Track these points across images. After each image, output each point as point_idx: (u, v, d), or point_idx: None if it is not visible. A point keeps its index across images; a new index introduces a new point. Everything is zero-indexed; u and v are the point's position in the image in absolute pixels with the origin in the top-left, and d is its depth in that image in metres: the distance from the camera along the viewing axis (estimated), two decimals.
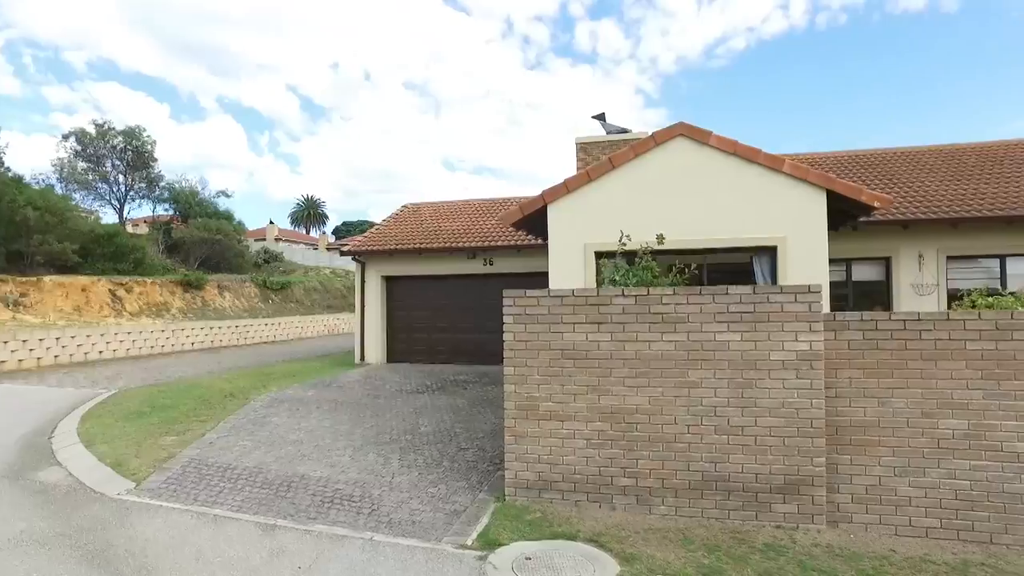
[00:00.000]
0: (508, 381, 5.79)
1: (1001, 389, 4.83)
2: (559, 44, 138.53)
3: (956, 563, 4.56)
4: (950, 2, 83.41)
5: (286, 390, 10.89)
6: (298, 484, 6.18)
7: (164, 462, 6.79)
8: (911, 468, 4.99)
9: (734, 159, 7.66)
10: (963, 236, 9.27)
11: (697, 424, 5.31)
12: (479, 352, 14.05)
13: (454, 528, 5.19)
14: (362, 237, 14.93)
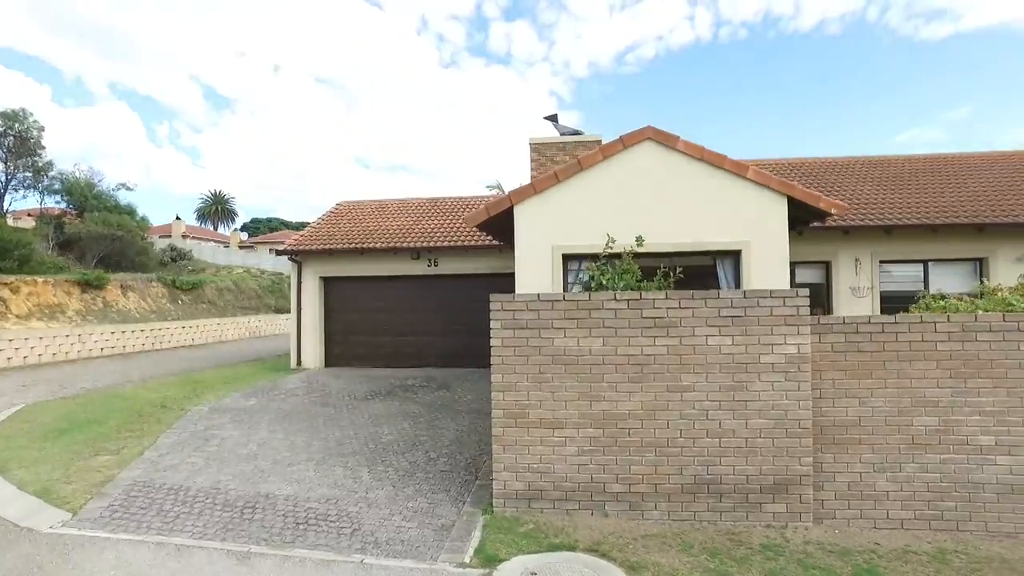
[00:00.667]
0: (496, 388, 5.58)
1: (967, 387, 5.17)
2: (474, 44, 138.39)
3: (935, 552, 4.83)
4: (834, 26, 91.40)
5: (224, 399, 10.07)
6: (264, 504, 5.68)
7: (102, 486, 6.04)
8: (888, 464, 5.25)
9: (700, 164, 7.82)
10: (895, 242, 10.01)
11: (690, 428, 5.33)
12: (423, 355, 13.66)
13: (447, 545, 4.93)
14: (298, 236, 14.13)
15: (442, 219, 14.74)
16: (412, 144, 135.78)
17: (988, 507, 5.14)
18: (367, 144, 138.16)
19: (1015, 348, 5.13)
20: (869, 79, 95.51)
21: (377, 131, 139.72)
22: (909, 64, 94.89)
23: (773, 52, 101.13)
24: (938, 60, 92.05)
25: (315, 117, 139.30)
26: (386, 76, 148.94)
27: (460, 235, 13.56)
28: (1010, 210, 9.78)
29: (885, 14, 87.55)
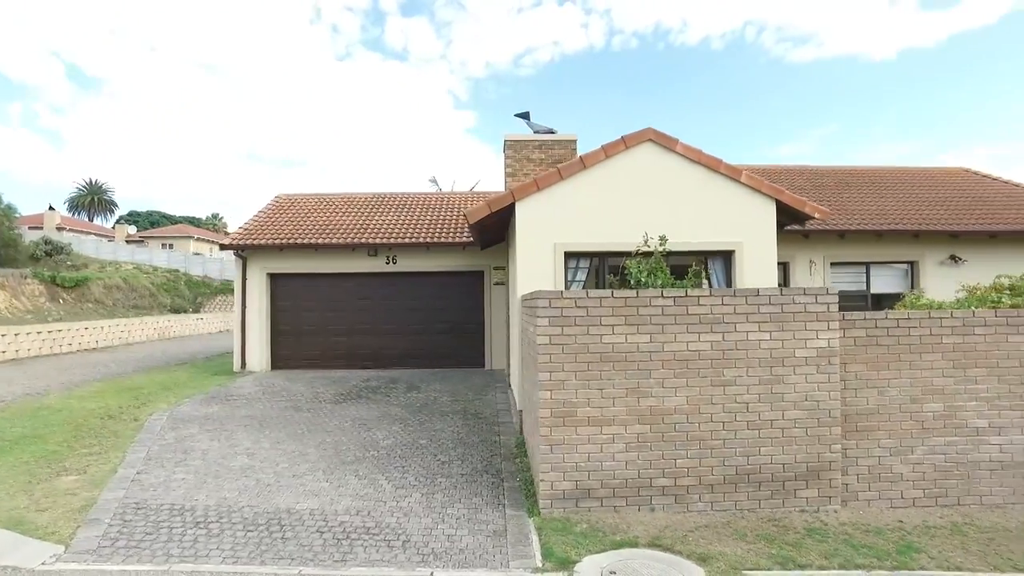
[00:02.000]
0: (543, 387, 5.45)
1: (966, 376, 5.75)
2: (370, 38, 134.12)
3: (950, 526, 5.32)
4: (717, 43, 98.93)
5: (179, 407, 9.07)
6: (290, 521, 5.18)
7: (85, 512, 5.23)
8: (902, 448, 5.71)
9: (697, 167, 8.10)
10: (846, 246, 10.95)
11: (732, 420, 5.50)
12: (379, 356, 13.10)
13: (510, 551, 4.75)
14: (242, 230, 13.00)
15: (395, 214, 14.21)
16: (306, 138, 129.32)
17: (983, 483, 5.74)
18: (257, 136, 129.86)
19: (1004, 340, 5.77)
20: (749, 94, 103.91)
21: (268, 123, 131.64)
22: (783, 82, 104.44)
23: (663, 62, 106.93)
24: (808, 80, 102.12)
25: (198, 105, 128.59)
26: (277, 66, 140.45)
27: (419, 231, 13.14)
28: (938, 220, 11.04)
29: (760, 35, 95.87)
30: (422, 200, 15.43)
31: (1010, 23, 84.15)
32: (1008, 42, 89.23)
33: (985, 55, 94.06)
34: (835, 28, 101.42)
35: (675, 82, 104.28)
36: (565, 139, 11.05)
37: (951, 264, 10.88)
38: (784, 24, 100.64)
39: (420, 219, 13.86)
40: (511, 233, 9.00)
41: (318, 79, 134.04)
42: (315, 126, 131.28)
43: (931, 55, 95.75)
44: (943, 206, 11.77)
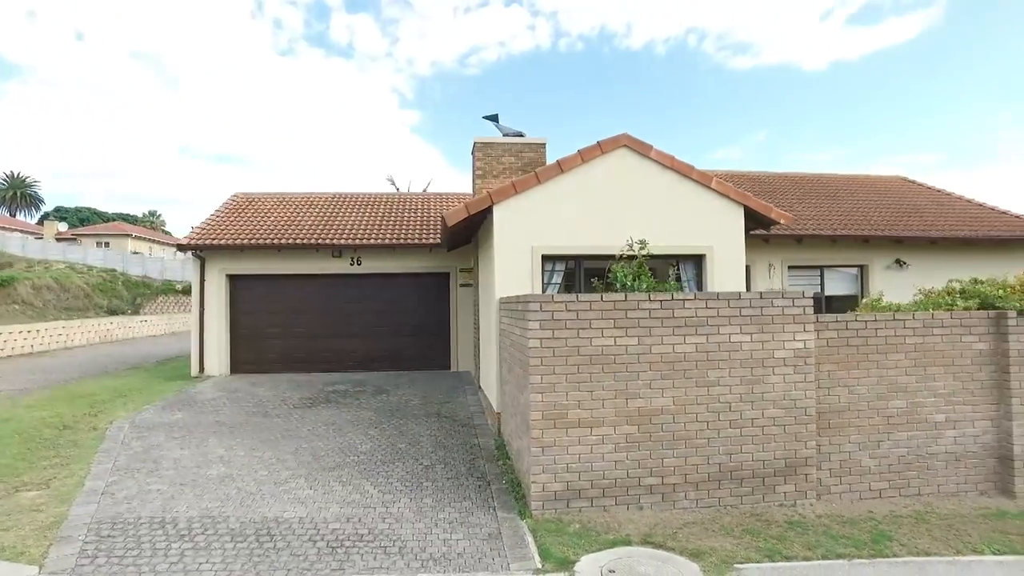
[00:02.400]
0: (534, 390, 5.51)
1: (926, 373, 6.15)
2: (313, 33, 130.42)
3: (912, 515, 5.68)
4: (661, 48, 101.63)
5: (139, 414, 8.64)
6: (280, 530, 5.05)
7: (55, 529, 4.93)
8: (870, 443, 6.06)
9: (670, 172, 8.33)
10: (803, 250, 11.47)
11: (715, 420, 5.70)
12: (343, 359, 12.85)
13: (508, 554, 4.78)
14: (199, 229, 12.46)
15: (359, 215, 13.97)
16: (245, 134, 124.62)
17: (940, 473, 6.15)
18: (192, 131, 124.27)
19: (959, 340, 6.20)
20: (690, 99, 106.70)
21: (204, 117, 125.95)
22: (723, 89, 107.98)
23: (608, 66, 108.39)
24: (745, 88, 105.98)
25: (129, 96, 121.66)
26: (215, 58, 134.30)
27: (384, 232, 12.96)
28: (885, 226, 11.73)
29: (702, 42, 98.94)
30: (385, 200, 15.22)
31: (924, 41, 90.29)
32: (924, 59, 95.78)
33: (903, 71, 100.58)
34: (772, 38, 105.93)
35: (620, 85, 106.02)
36: (535, 142, 11.15)
37: (896, 268, 11.59)
38: (725, 32, 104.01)
39: (384, 220, 13.67)
40: (483, 235, 9.02)
41: (259, 74, 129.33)
42: (255, 122, 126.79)
43: (857, 68, 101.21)
44: (888, 213, 12.52)
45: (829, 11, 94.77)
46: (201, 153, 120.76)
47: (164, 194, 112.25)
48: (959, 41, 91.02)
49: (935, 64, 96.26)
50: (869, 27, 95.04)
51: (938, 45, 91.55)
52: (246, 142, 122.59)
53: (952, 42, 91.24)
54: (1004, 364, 6.17)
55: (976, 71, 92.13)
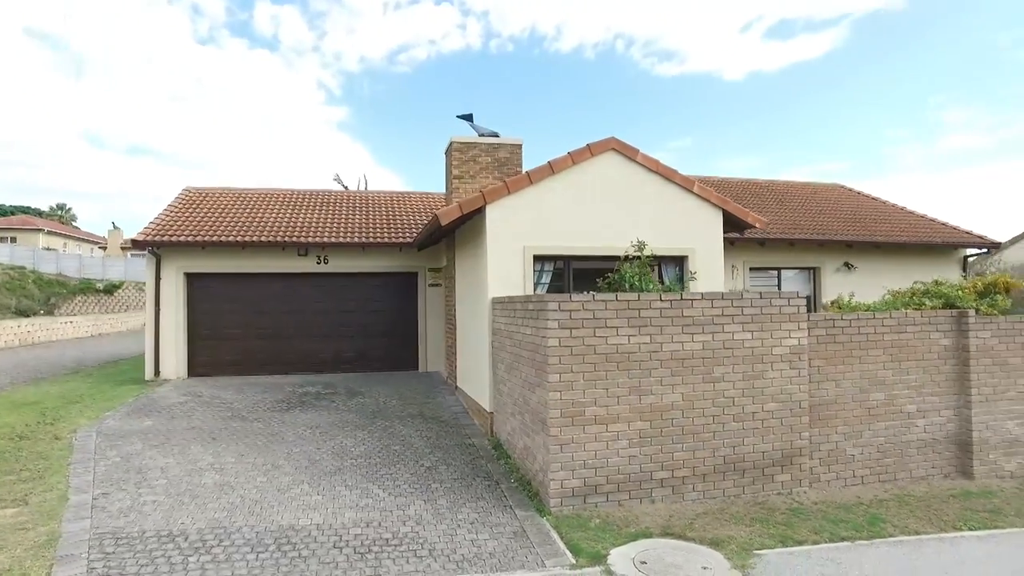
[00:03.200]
0: (552, 388, 5.57)
1: (901, 368, 6.66)
2: (236, 22, 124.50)
3: (893, 498, 6.15)
4: (590, 52, 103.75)
5: (104, 422, 8.04)
6: (299, 538, 4.87)
7: (50, 547, 4.54)
8: (853, 433, 6.50)
9: (655, 176, 8.60)
10: (764, 253, 12.09)
11: (720, 414, 5.96)
12: (309, 360, 12.41)
13: (538, 551, 4.82)
14: (154, 225, 11.65)
15: (322, 213, 13.53)
16: (160, 126, 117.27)
17: (912, 460, 6.69)
18: (101, 120, 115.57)
19: (928, 337, 6.76)
20: (618, 104, 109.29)
21: (115, 106, 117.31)
22: (648, 95, 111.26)
23: (538, 68, 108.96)
24: (670, 94, 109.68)
25: (27, 79, 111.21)
26: (126, 42, 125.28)
27: (351, 231, 12.63)
28: (835, 231, 12.56)
29: (629, 48, 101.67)
30: (347, 199, 14.82)
31: (832, 58, 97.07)
32: (831, 75, 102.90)
33: (814, 85, 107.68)
34: (696, 47, 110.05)
35: (550, 88, 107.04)
36: (511, 143, 11.19)
37: (845, 271, 12.44)
38: (651, 39, 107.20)
39: (350, 219, 13.32)
40: (468, 235, 8.97)
41: (176, 62, 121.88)
42: (171, 113, 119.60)
43: (773, 80, 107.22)
44: (836, 219, 13.42)
45: (749, 24, 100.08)
46: (111, 144, 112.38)
47: (71, 186, 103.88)
48: (860, 61, 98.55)
49: (840, 80, 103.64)
50: (784, 41, 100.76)
51: (843, 63, 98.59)
52: (162, 134, 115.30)
53: (855, 62, 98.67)
54: (964, 358, 6.77)
55: (873, 90, 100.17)
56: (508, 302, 7.17)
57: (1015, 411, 6.88)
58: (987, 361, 6.78)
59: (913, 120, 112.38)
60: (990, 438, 6.77)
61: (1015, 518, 5.74)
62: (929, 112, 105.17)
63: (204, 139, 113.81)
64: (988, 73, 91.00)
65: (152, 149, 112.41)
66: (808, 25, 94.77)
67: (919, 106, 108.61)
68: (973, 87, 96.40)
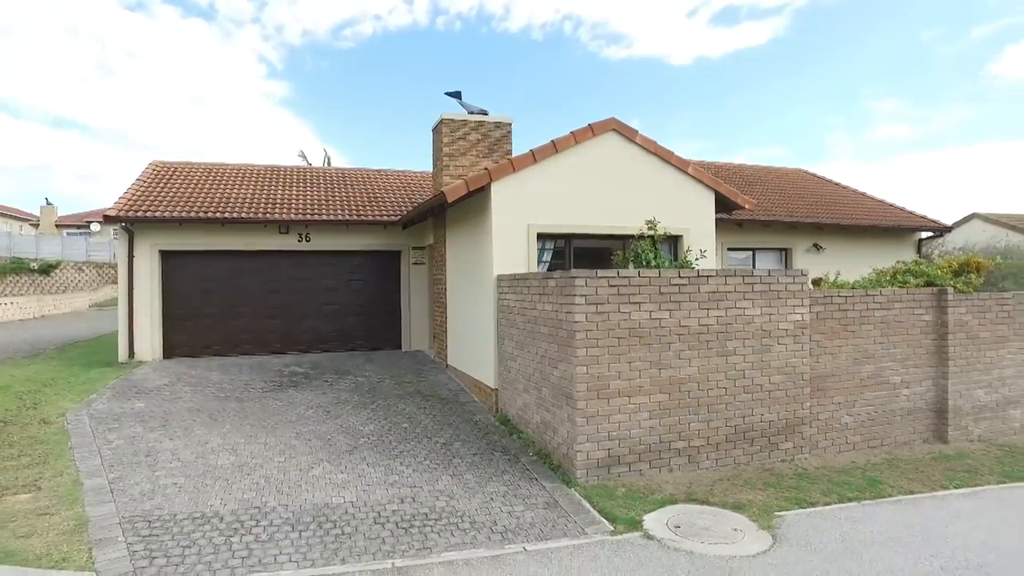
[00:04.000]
0: (580, 363, 5.69)
1: (888, 342, 7.11)
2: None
3: (884, 462, 6.61)
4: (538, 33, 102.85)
5: (91, 404, 7.66)
6: (337, 516, 4.84)
7: (80, 532, 4.37)
8: (847, 402, 6.92)
9: (653, 157, 8.77)
10: (741, 234, 12.51)
11: (732, 386, 6.24)
12: (290, 340, 12.11)
13: (575, 519, 4.97)
14: (125, 200, 10.97)
15: (301, 190, 13.09)
16: (86, 97, 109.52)
17: (896, 426, 7.19)
18: (16, 89, 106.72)
19: (911, 313, 7.23)
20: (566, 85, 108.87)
21: (33, 75, 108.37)
22: (595, 78, 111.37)
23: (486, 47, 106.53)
24: (618, 78, 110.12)
25: None
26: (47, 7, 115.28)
27: (334, 208, 12.32)
28: (805, 212, 13.15)
29: (577, 30, 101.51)
30: (324, 176, 14.39)
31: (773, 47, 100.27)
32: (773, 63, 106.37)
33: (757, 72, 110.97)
34: (643, 32, 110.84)
35: (498, 68, 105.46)
36: (501, 121, 11.13)
37: (815, 251, 13.06)
38: (600, 22, 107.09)
39: (330, 196, 12.96)
40: (468, 212, 8.92)
41: (101, 29, 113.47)
42: (97, 84, 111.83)
43: (718, 66, 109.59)
44: (805, 202, 14.03)
45: (695, 9, 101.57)
46: (30, 115, 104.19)
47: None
48: (801, 50, 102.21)
49: (783, 69, 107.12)
50: (729, 28, 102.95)
51: (785, 52, 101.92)
52: (88, 106, 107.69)
53: (796, 51, 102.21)
54: (943, 332, 7.29)
55: (812, 78, 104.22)
56: (520, 279, 7.22)
57: (983, 380, 7.47)
58: (962, 335, 7.32)
59: (847, 109, 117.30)
60: (963, 405, 7.34)
61: (989, 476, 6.29)
62: (862, 103, 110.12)
63: (134, 112, 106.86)
64: (913, 68, 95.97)
65: (76, 122, 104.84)
66: (752, 13, 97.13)
67: (853, 96, 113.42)
68: (900, 80, 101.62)
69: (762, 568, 4.22)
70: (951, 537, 4.77)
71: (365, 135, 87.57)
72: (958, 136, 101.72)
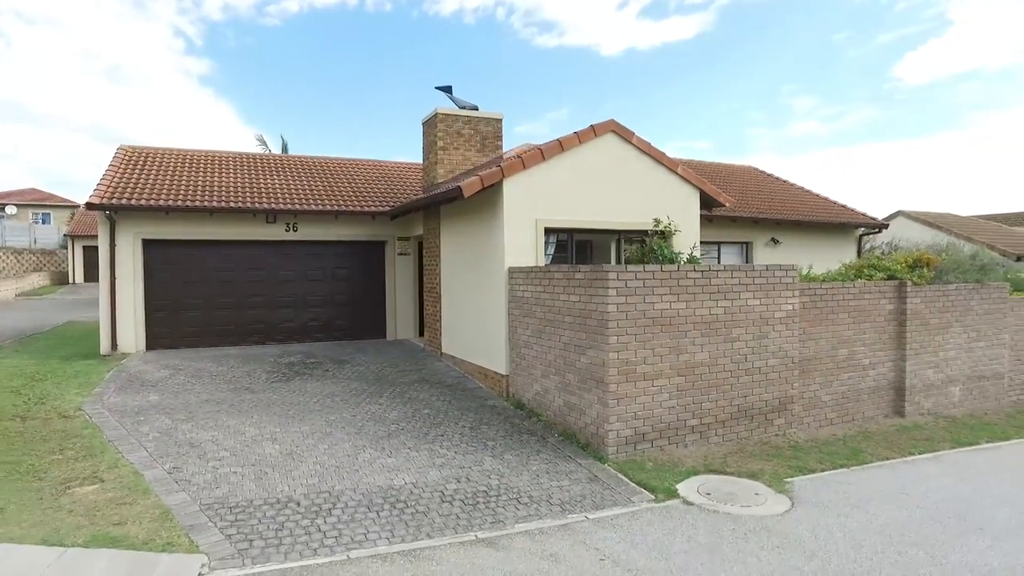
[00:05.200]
0: (612, 349, 6.22)
1: (859, 328, 8.06)
2: None
3: (859, 434, 7.55)
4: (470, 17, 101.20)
5: (100, 399, 7.49)
6: (405, 496, 5.18)
7: (168, 520, 4.51)
8: (826, 383, 7.82)
9: (647, 157, 9.37)
10: (710, 228, 13.32)
11: (736, 369, 6.96)
12: (275, 331, 12.01)
13: (618, 491, 5.52)
14: (105, 186, 10.44)
15: (286, 178, 12.89)
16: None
17: (863, 403, 8.18)
18: None
19: (877, 302, 8.22)
20: (497, 71, 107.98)
21: None
22: (527, 65, 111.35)
23: (416, 29, 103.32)
24: (549, 66, 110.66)
25: None
26: None
27: (321, 198, 12.25)
28: (763, 208, 14.22)
29: (510, 16, 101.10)
30: (302, 164, 14.15)
31: (700, 41, 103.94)
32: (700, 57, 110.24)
33: (684, 65, 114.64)
34: (575, 21, 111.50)
35: (428, 51, 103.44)
36: (492, 117, 11.50)
37: (772, 245, 14.17)
38: (532, 9, 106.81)
39: (313, 185, 12.85)
40: (475, 207, 9.22)
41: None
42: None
43: (647, 57, 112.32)
44: (763, 199, 15.15)
45: (625, 2, 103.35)
46: None
47: None
48: (726, 46, 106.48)
49: (709, 63, 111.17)
50: (657, 22, 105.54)
51: (711, 47, 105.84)
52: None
53: (721, 46, 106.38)
54: (902, 320, 8.32)
55: (736, 73, 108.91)
56: (540, 272, 7.66)
57: (932, 361, 8.58)
58: (917, 322, 8.38)
59: (768, 106, 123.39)
60: (916, 384, 8.42)
61: (943, 443, 7.33)
62: (781, 99, 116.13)
63: (26, 82, 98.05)
64: (826, 68, 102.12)
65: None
66: (680, 7, 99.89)
67: (773, 93, 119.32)
68: (815, 79, 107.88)
69: (791, 524, 4.91)
70: (928, 493, 5.66)
71: (294, 118, 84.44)
72: (867, 134, 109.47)
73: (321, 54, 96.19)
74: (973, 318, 8.86)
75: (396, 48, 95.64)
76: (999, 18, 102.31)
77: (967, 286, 8.81)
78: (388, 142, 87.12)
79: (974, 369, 8.90)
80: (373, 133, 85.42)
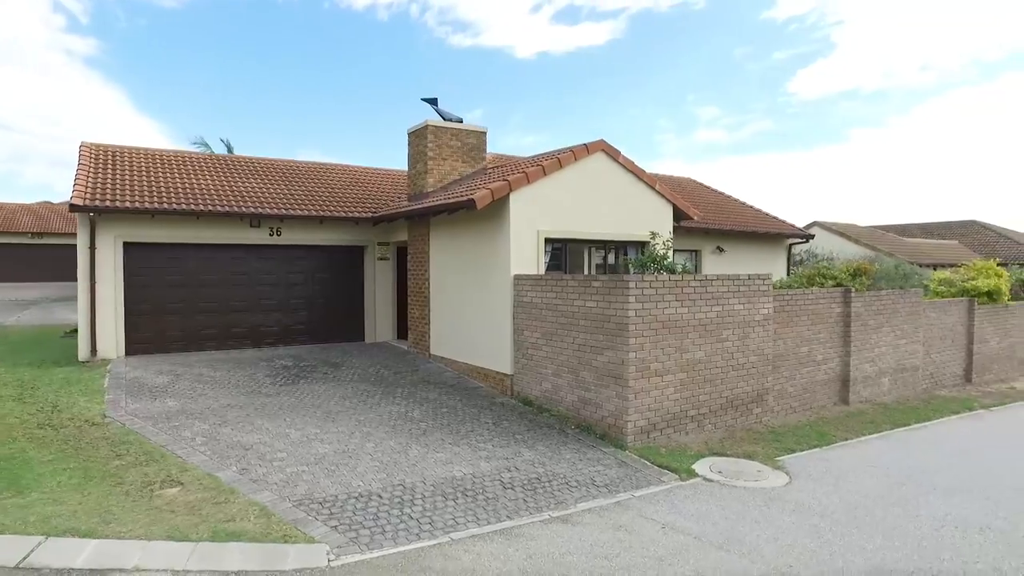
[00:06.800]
0: (631, 350, 7.04)
1: (816, 329, 9.37)
2: None
3: (817, 420, 8.81)
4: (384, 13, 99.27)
5: (117, 406, 7.36)
6: (468, 486, 5.73)
7: (270, 516, 4.81)
8: (791, 377, 9.04)
9: (630, 174, 10.30)
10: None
11: (725, 365, 7.98)
12: (258, 334, 11.91)
13: (646, 473, 6.33)
14: (82, 187, 9.91)
15: (265, 182, 12.75)
16: None
17: (817, 394, 9.50)
18: None
19: (829, 307, 9.57)
20: (410, 70, 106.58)
21: None
22: (441, 64, 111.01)
23: (327, 23, 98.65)
24: (463, 66, 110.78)
25: None
26: None
27: (305, 203, 12.27)
28: (711, 220, 15.61)
29: (424, 14, 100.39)
30: (274, 167, 13.98)
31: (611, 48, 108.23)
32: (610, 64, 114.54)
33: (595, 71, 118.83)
34: (489, 22, 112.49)
35: (340, 46, 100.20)
36: (477, 130, 12.08)
37: (718, 253, 15.61)
38: (446, 7, 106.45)
39: (294, 188, 12.82)
40: (477, 217, 9.76)
41: None
42: None
43: (559, 62, 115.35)
44: (706, 209, 16.59)
45: (539, 5, 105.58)
46: None
47: None
48: (635, 53, 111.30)
49: (619, 69, 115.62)
50: (570, 27, 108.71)
51: (622, 54, 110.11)
52: None
53: (631, 53, 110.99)
54: (848, 321, 9.72)
55: (645, 81, 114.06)
56: (553, 279, 8.35)
57: (869, 356, 10.06)
58: (859, 323, 9.82)
59: (674, 113, 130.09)
60: (857, 376, 9.86)
61: (885, 424, 8.70)
62: (687, 107, 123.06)
63: None
64: (728, 80, 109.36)
65: None
66: (592, 14, 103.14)
67: (679, 101, 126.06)
68: (718, 90, 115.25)
69: (796, 493, 5.91)
70: (889, 465, 6.88)
71: (194, 108, 79.96)
72: (765, 144, 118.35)
73: (227, 41, 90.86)
74: (899, 319, 10.45)
75: (305, 40, 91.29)
76: (872, 45, 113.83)
77: (894, 292, 10.39)
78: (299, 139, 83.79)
79: (899, 363, 10.50)
80: (282, 128, 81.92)
